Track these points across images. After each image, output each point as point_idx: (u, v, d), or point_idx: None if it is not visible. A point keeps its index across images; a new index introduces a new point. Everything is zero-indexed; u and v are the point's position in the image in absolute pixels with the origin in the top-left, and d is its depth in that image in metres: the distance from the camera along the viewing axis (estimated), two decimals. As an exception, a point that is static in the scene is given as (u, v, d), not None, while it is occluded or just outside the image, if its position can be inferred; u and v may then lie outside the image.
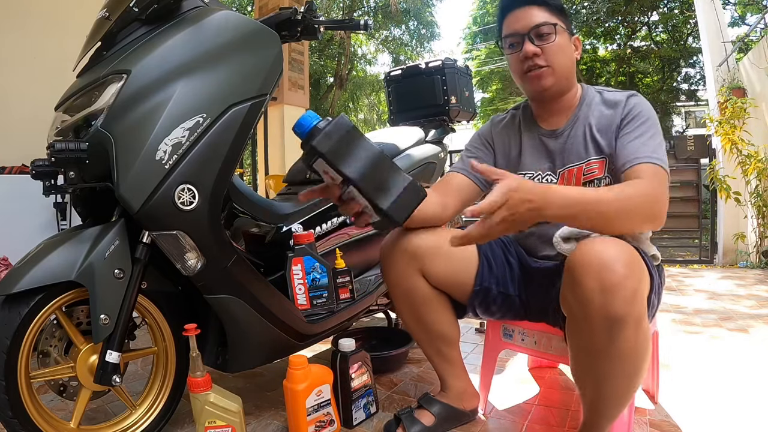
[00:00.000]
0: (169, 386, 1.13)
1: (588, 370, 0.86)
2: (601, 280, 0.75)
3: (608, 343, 0.78)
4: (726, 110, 3.93)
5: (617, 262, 0.76)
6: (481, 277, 1.10)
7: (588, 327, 0.80)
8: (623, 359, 0.79)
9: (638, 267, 0.78)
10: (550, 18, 1.02)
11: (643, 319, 0.78)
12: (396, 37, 15.23)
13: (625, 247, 0.79)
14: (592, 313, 0.78)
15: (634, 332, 0.77)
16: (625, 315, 0.75)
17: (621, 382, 0.83)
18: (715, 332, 1.95)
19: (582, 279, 0.78)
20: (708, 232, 4.30)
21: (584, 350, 0.85)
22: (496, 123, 1.22)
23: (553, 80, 1.04)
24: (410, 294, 1.10)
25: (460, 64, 2.07)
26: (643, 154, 0.94)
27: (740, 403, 1.27)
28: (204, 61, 1.01)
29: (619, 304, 0.75)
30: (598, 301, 0.76)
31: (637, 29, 12.03)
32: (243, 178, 4.64)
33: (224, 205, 1.27)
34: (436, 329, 1.13)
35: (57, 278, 0.93)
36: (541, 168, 1.11)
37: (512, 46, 1.06)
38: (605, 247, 0.78)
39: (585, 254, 0.79)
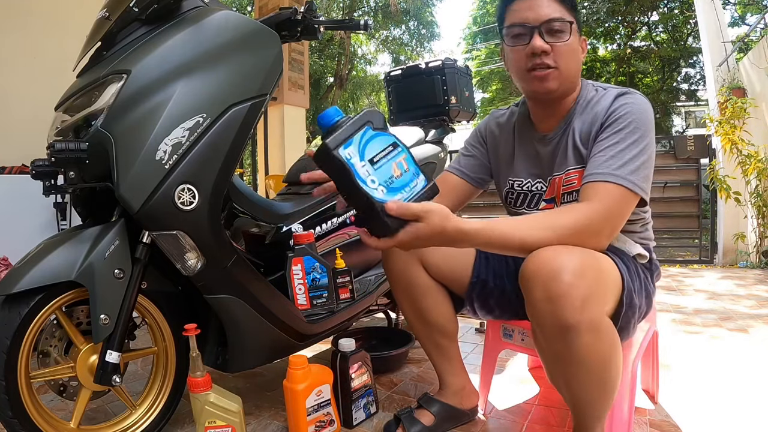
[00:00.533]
0: (169, 386, 1.13)
1: (557, 376, 0.86)
2: (547, 290, 0.75)
3: (566, 350, 0.77)
4: (726, 110, 3.93)
5: (563, 271, 0.74)
6: (478, 269, 1.11)
7: (544, 335, 0.80)
8: (586, 365, 0.78)
9: (589, 273, 0.76)
10: (565, 14, 0.92)
11: (599, 325, 0.77)
12: (396, 37, 15.23)
13: (575, 255, 0.76)
14: (543, 323, 0.78)
15: (593, 338, 0.76)
16: (575, 323, 0.74)
17: (590, 387, 0.82)
18: (715, 332, 1.95)
19: (530, 290, 0.78)
20: (708, 232, 4.29)
21: (548, 357, 0.85)
22: (493, 119, 1.17)
23: (557, 84, 0.94)
24: (410, 285, 1.11)
25: (460, 64, 2.07)
26: (606, 169, 0.85)
27: (740, 403, 1.27)
28: (204, 61, 1.01)
29: (568, 312, 0.74)
30: (547, 310, 0.76)
31: (637, 29, 12.03)
32: (243, 178, 4.64)
33: (224, 205, 1.27)
34: (435, 321, 1.14)
35: (57, 278, 0.93)
36: (531, 175, 1.06)
37: (518, 38, 0.94)
38: (554, 255, 0.76)
39: (534, 264, 0.78)
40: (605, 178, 0.84)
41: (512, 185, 1.09)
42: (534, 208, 1.06)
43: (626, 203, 0.85)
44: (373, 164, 0.71)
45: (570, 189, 0.97)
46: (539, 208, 1.05)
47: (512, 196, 1.10)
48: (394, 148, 0.74)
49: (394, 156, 0.74)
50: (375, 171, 0.71)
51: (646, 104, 0.92)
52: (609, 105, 0.93)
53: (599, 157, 0.88)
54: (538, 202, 1.05)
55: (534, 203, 1.06)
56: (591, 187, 0.85)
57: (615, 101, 0.92)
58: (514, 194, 1.09)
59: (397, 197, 0.71)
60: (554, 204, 1.02)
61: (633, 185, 0.84)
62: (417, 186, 0.73)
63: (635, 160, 0.85)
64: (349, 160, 0.70)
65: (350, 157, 0.71)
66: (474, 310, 1.15)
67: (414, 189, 0.73)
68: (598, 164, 0.87)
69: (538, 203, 1.05)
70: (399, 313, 1.83)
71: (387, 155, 0.73)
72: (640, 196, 0.85)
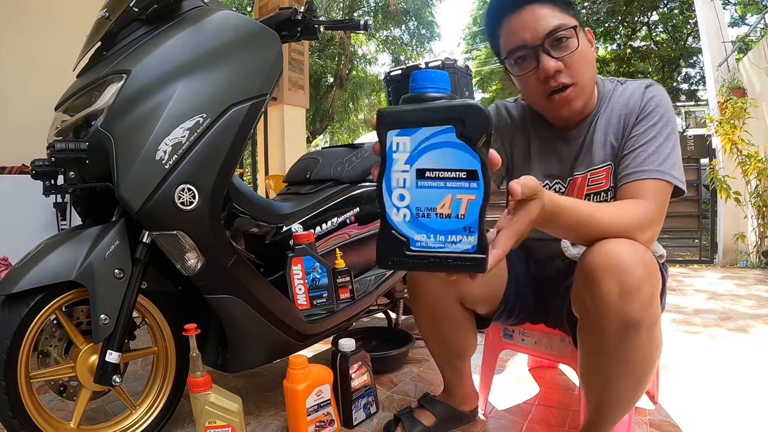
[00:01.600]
0: (169, 386, 1.13)
1: (596, 372, 0.84)
2: (621, 283, 0.73)
3: (620, 346, 0.77)
4: (726, 110, 3.93)
5: (637, 265, 0.73)
6: (508, 294, 1.05)
7: (602, 329, 0.77)
8: (633, 363, 0.78)
9: (655, 271, 0.75)
10: (564, 18, 0.83)
11: (656, 324, 0.77)
12: (396, 37, 15.22)
13: (641, 250, 0.75)
14: (608, 316, 0.75)
15: (647, 337, 0.76)
16: (641, 319, 0.73)
17: (628, 386, 0.82)
18: (715, 332, 1.95)
19: (600, 281, 0.74)
20: (708, 232, 4.30)
21: (595, 352, 0.83)
22: (504, 109, 1.06)
23: (582, 100, 0.88)
24: (439, 317, 1.06)
25: (460, 64, 2.07)
26: (651, 166, 0.83)
27: (740, 403, 1.27)
28: (204, 61, 1.01)
29: (636, 308, 0.73)
30: (616, 304, 0.73)
31: (637, 29, 12.02)
32: (243, 178, 4.64)
33: (224, 205, 1.27)
34: (457, 348, 1.11)
35: (57, 278, 0.93)
36: (548, 176, 1.00)
37: (523, 63, 0.86)
38: (623, 249, 0.74)
39: (603, 256, 0.75)
40: (653, 175, 0.83)
41: None
42: None
43: (669, 197, 0.85)
44: (419, 178, 0.50)
45: (597, 189, 0.93)
46: None
47: None
48: (469, 179, 0.49)
49: (459, 188, 0.49)
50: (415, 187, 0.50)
51: (668, 96, 0.91)
52: (641, 97, 0.89)
53: (641, 152, 0.85)
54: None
55: None
56: (641, 185, 0.84)
57: (645, 93, 0.89)
58: None
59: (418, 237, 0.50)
60: None
61: (677, 180, 0.84)
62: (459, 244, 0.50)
63: (673, 154, 0.85)
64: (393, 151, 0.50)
65: (397, 148, 0.50)
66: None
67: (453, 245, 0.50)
68: (642, 160, 0.85)
69: None
70: (399, 313, 1.83)
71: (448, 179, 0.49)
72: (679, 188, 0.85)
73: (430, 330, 1.11)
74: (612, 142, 0.91)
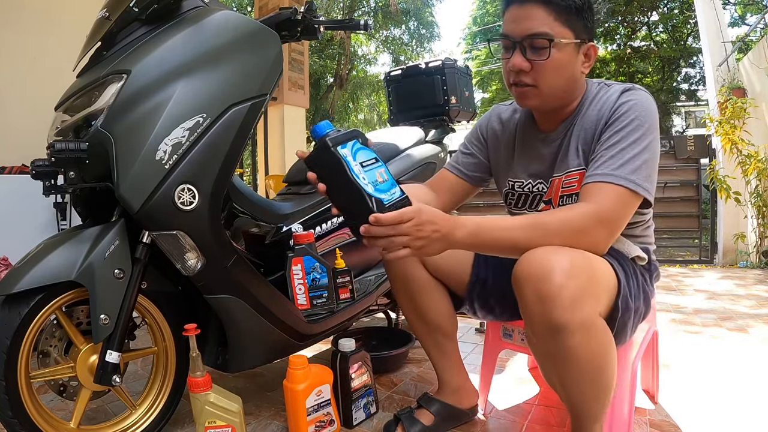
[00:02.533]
0: (169, 386, 1.13)
1: (551, 376, 0.86)
2: (537, 290, 0.76)
3: (558, 350, 0.78)
4: (726, 110, 3.93)
5: (554, 272, 0.74)
6: (477, 269, 1.11)
7: (536, 336, 0.81)
8: (579, 364, 0.79)
9: (580, 274, 0.76)
10: (552, 26, 0.86)
11: (591, 325, 0.77)
12: (396, 37, 15.23)
13: (566, 255, 0.76)
14: (534, 323, 0.79)
15: (585, 337, 0.76)
16: (565, 323, 0.74)
17: (585, 386, 0.82)
18: (715, 332, 1.95)
19: (522, 291, 0.79)
20: (708, 232, 4.29)
21: (541, 357, 0.85)
22: (496, 115, 1.13)
23: (538, 101, 0.93)
24: (409, 282, 1.11)
25: (460, 64, 2.07)
26: (605, 169, 0.83)
27: (740, 402, 1.27)
28: (204, 61, 1.01)
29: (558, 312, 0.74)
30: (537, 310, 0.77)
31: (637, 29, 12.03)
32: (243, 178, 4.65)
33: (224, 205, 1.27)
34: (434, 319, 1.14)
35: (57, 278, 0.93)
36: (531, 175, 1.04)
37: (504, 50, 0.93)
38: (544, 256, 0.76)
39: (523, 265, 0.78)
40: (604, 178, 0.83)
41: (512, 186, 1.08)
42: (534, 209, 1.05)
43: (626, 204, 0.83)
44: (363, 167, 0.81)
45: (569, 191, 0.95)
46: (539, 209, 1.04)
47: (512, 197, 1.09)
48: (376, 161, 0.84)
49: (377, 166, 0.83)
50: (365, 171, 0.80)
51: (649, 101, 0.89)
52: (613, 103, 0.90)
53: (600, 157, 0.86)
54: (539, 203, 1.04)
55: (535, 204, 1.05)
56: (589, 188, 0.84)
57: (619, 98, 0.90)
58: (515, 195, 1.08)
59: (383, 197, 0.80)
60: (551, 206, 1.00)
61: (633, 185, 0.82)
62: (395, 194, 0.81)
63: (636, 159, 0.83)
64: (345, 157, 0.80)
65: (346, 156, 0.80)
66: (474, 310, 1.15)
67: (393, 195, 0.81)
68: (599, 165, 0.85)
69: (539, 204, 1.04)
70: (399, 313, 1.83)
71: (372, 164, 0.83)
72: (642, 197, 0.83)
73: (406, 300, 1.15)
74: (584, 148, 0.93)
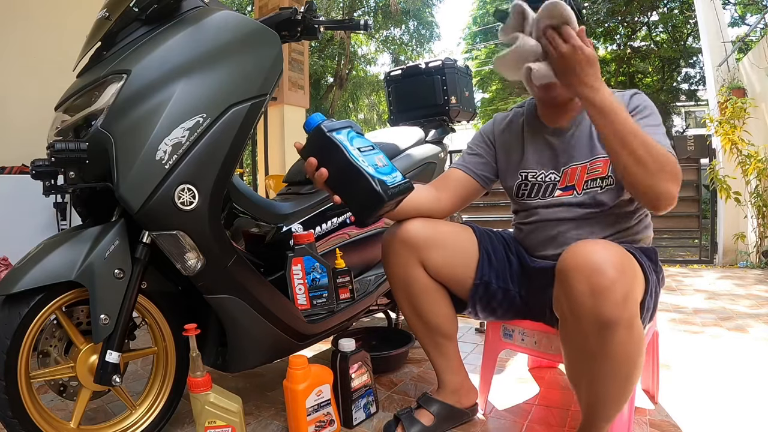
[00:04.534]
0: (169, 386, 1.13)
1: (581, 372, 0.86)
2: (591, 284, 0.75)
3: (600, 346, 0.78)
4: (726, 110, 3.93)
5: (607, 265, 0.75)
6: (482, 271, 1.10)
7: (579, 330, 0.80)
8: (616, 362, 0.79)
9: (629, 269, 0.78)
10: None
11: (635, 322, 0.78)
12: (396, 37, 15.23)
13: (615, 250, 0.79)
14: (582, 317, 0.78)
15: (627, 335, 0.77)
16: (616, 318, 0.75)
17: (615, 384, 0.83)
18: (715, 332, 1.95)
19: (572, 282, 0.78)
20: (708, 232, 4.29)
21: (577, 352, 0.85)
22: (498, 122, 1.21)
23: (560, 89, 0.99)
24: (409, 284, 1.11)
25: (460, 64, 2.07)
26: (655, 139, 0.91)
27: (740, 402, 1.27)
28: (204, 61, 1.01)
29: (609, 307, 0.75)
30: (589, 304, 0.76)
31: (637, 29, 12.02)
32: (243, 178, 4.64)
33: (224, 205, 1.27)
34: (434, 321, 1.14)
35: (57, 278, 0.93)
36: (544, 166, 1.09)
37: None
38: (595, 249, 0.78)
39: (575, 257, 0.79)
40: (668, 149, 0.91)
41: (525, 177, 1.11)
42: (549, 197, 1.08)
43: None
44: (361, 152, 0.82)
45: (594, 176, 1.02)
46: (554, 196, 1.07)
47: (525, 187, 1.12)
48: (373, 149, 0.86)
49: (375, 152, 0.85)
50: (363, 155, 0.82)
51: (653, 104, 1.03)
52: (628, 101, 1.01)
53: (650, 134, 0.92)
54: (553, 191, 1.08)
55: (549, 193, 1.08)
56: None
57: (633, 98, 1.02)
58: (528, 185, 1.11)
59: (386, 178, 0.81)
60: (573, 191, 1.05)
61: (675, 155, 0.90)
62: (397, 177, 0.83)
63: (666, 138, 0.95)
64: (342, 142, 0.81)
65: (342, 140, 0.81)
66: (476, 312, 1.15)
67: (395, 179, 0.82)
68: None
69: (553, 192, 1.08)
70: (399, 313, 1.83)
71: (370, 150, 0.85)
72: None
73: (406, 302, 1.15)
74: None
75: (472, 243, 1.13)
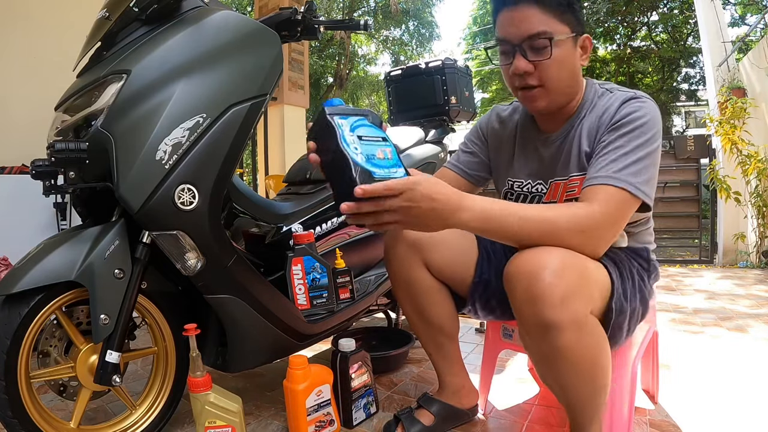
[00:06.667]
0: (169, 386, 1.13)
1: (546, 375, 0.87)
2: (528, 289, 0.76)
3: (550, 348, 0.78)
4: (726, 110, 3.93)
5: (544, 271, 0.75)
6: (481, 269, 1.11)
7: (529, 335, 0.81)
8: (572, 363, 0.79)
9: (570, 273, 0.76)
10: (549, 24, 0.86)
11: (582, 323, 0.77)
12: (396, 37, 15.24)
13: (556, 254, 0.77)
14: (526, 322, 0.80)
15: (575, 336, 0.76)
16: (556, 320, 0.75)
17: (579, 385, 0.82)
18: (715, 332, 1.95)
19: (512, 290, 0.79)
20: (708, 232, 4.29)
21: (535, 356, 0.85)
22: (495, 115, 1.14)
23: (546, 101, 0.92)
24: (412, 284, 1.11)
25: (460, 64, 2.07)
26: (606, 172, 0.83)
27: (740, 402, 1.27)
28: (204, 61, 1.01)
29: (547, 310, 0.75)
30: (528, 310, 0.77)
31: (637, 29, 12.02)
32: (243, 178, 4.64)
33: (224, 205, 1.27)
34: (436, 321, 1.14)
35: (57, 278, 0.93)
36: (531, 176, 1.04)
37: (503, 55, 0.93)
38: (534, 255, 0.77)
39: (515, 264, 0.79)
40: (606, 181, 0.83)
41: (511, 186, 1.08)
42: None
43: (626, 207, 0.83)
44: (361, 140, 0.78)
45: (572, 196, 0.95)
46: None
47: (511, 196, 1.10)
48: (384, 141, 0.81)
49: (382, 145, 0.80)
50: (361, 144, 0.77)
51: (654, 110, 0.89)
52: (615, 110, 0.90)
53: (602, 160, 0.86)
54: (538, 203, 1.04)
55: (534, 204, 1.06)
56: (592, 190, 0.84)
57: (621, 107, 0.90)
58: (514, 195, 1.09)
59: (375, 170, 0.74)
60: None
61: (634, 188, 0.82)
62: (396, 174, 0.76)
63: (638, 163, 0.83)
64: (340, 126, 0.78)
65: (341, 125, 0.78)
66: (476, 311, 1.15)
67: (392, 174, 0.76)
68: (600, 167, 0.85)
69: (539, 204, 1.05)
70: (399, 313, 1.83)
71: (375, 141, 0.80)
72: (641, 200, 0.83)
73: (408, 301, 1.14)
74: (586, 152, 0.93)
75: (471, 241, 1.13)
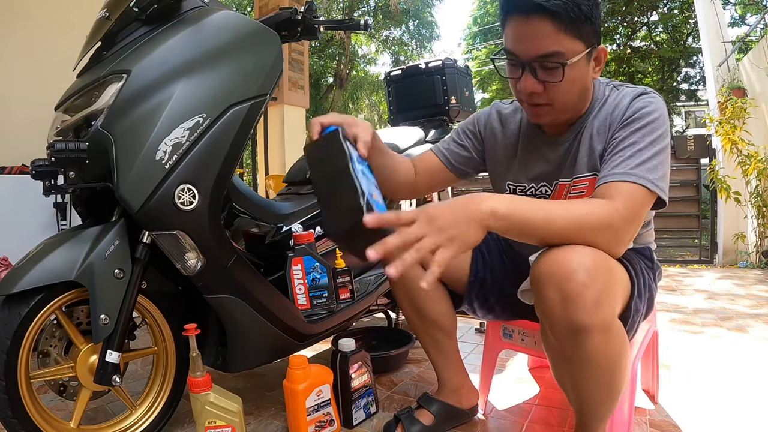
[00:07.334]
0: (169, 386, 1.13)
1: (564, 376, 0.86)
2: (561, 291, 0.74)
3: (576, 352, 0.77)
4: (726, 110, 3.93)
5: (577, 271, 0.73)
6: (476, 267, 1.11)
7: (554, 335, 0.80)
8: (595, 366, 0.78)
9: (603, 273, 0.75)
10: (562, 43, 0.81)
11: (611, 326, 0.76)
12: (396, 37, 15.24)
13: (587, 254, 0.74)
14: (555, 323, 0.77)
15: (603, 339, 0.75)
16: (588, 324, 0.73)
17: (598, 388, 0.82)
18: (715, 332, 1.95)
19: (543, 290, 0.77)
20: (708, 232, 4.29)
21: (556, 357, 0.84)
22: (496, 112, 1.09)
23: (551, 118, 0.91)
24: (408, 281, 1.11)
25: (460, 64, 2.07)
26: (623, 169, 0.81)
27: (740, 402, 1.27)
28: (204, 61, 1.01)
29: (580, 313, 0.73)
30: (559, 311, 0.75)
31: (637, 29, 12.02)
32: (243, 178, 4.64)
33: (224, 205, 1.27)
34: (433, 317, 1.14)
35: (57, 278, 0.93)
36: (533, 179, 1.01)
37: (510, 68, 0.88)
38: (566, 255, 0.75)
39: (545, 264, 0.77)
40: (624, 177, 0.80)
41: (513, 190, 1.06)
42: None
43: (645, 203, 0.81)
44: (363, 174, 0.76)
45: (577, 197, 0.93)
46: None
47: None
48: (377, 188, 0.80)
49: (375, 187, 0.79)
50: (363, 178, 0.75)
51: (663, 106, 0.88)
52: (627, 106, 0.88)
53: (617, 157, 0.83)
54: None
55: None
56: (610, 187, 0.81)
57: (633, 102, 0.88)
58: None
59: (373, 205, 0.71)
60: None
61: (652, 185, 0.80)
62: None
63: (653, 159, 0.81)
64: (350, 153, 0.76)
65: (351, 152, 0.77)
66: (474, 309, 1.15)
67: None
68: (616, 164, 0.82)
69: None
70: (399, 313, 1.83)
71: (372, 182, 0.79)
72: (657, 195, 0.81)
73: (406, 299, 1.14)
74: (594, 152, 0.91)
75: None
